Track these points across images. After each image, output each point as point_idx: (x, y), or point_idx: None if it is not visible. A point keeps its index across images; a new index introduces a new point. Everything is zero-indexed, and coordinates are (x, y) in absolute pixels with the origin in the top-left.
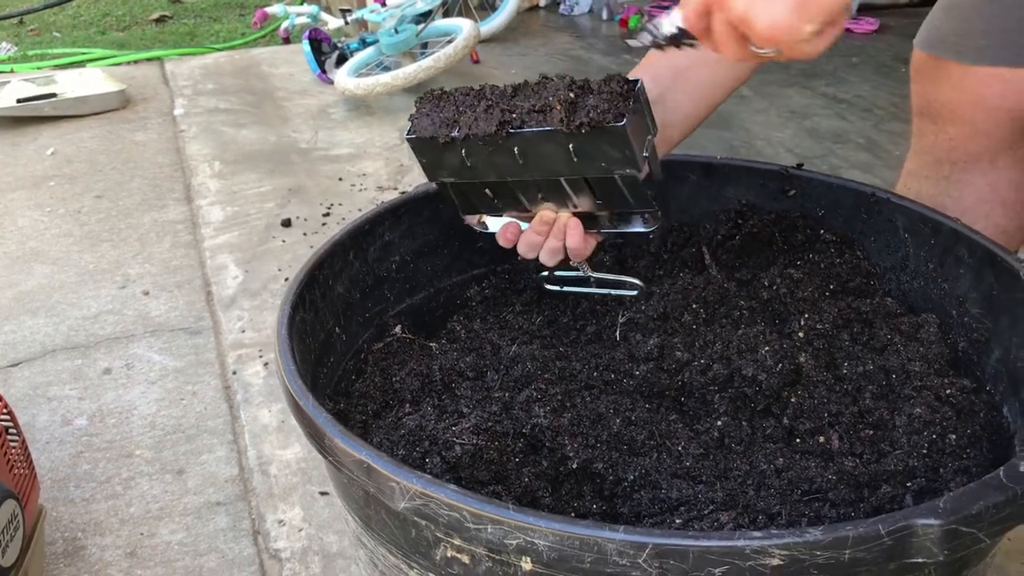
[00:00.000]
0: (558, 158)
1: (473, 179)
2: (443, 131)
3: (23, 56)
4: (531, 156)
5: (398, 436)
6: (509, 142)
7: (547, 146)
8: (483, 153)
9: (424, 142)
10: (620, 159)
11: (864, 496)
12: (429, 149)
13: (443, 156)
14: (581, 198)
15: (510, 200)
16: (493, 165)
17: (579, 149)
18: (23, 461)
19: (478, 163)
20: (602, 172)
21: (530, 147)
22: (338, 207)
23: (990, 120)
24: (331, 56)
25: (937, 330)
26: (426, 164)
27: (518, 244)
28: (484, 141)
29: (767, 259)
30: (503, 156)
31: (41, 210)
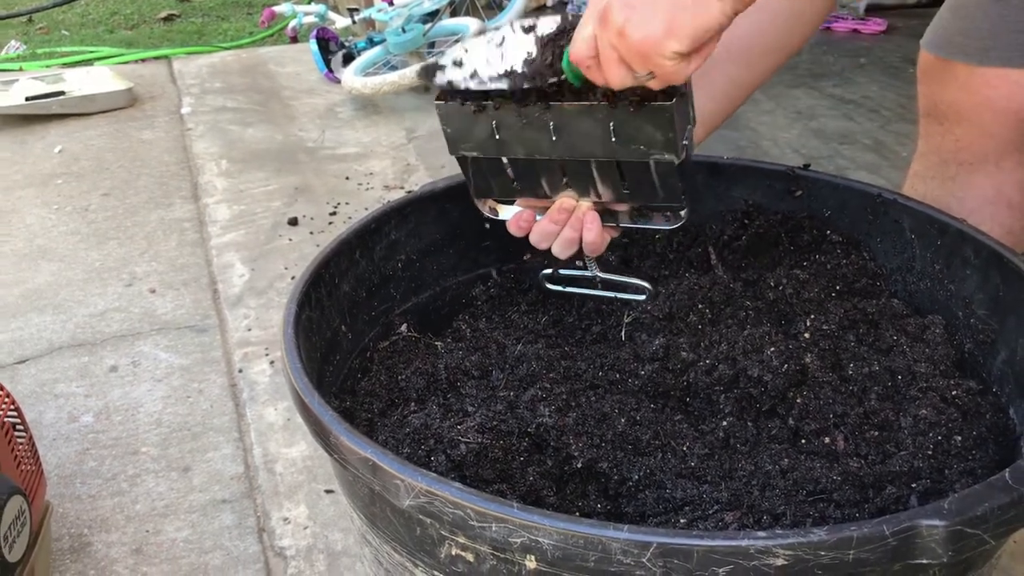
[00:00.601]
0: (595, 137)
1: (499, 154)
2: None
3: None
4: (566, 132)
5: (403, 434)
6: (545, 115)
7: (585, 122)
8: (515, 126)
9: (453, 109)
10: (660, 142)
11: (869, 497)
12: (457, 118)
13: (471, 126)
14: (606, 186)
15: (530, 183)
16: (523, 140)
17: (619, 128)
18: (30, 457)
19: (508, 136)
20: (638, 156)
21: (567, 122)
22: (344, 206)
23: (997, 121)
24: (338, 55)
25: (943, 331)
26: (450, 134)
27: (531, 233)
28: (519, 112)
29: (773, 260)
30: (536, 131)
31: (49, 208)
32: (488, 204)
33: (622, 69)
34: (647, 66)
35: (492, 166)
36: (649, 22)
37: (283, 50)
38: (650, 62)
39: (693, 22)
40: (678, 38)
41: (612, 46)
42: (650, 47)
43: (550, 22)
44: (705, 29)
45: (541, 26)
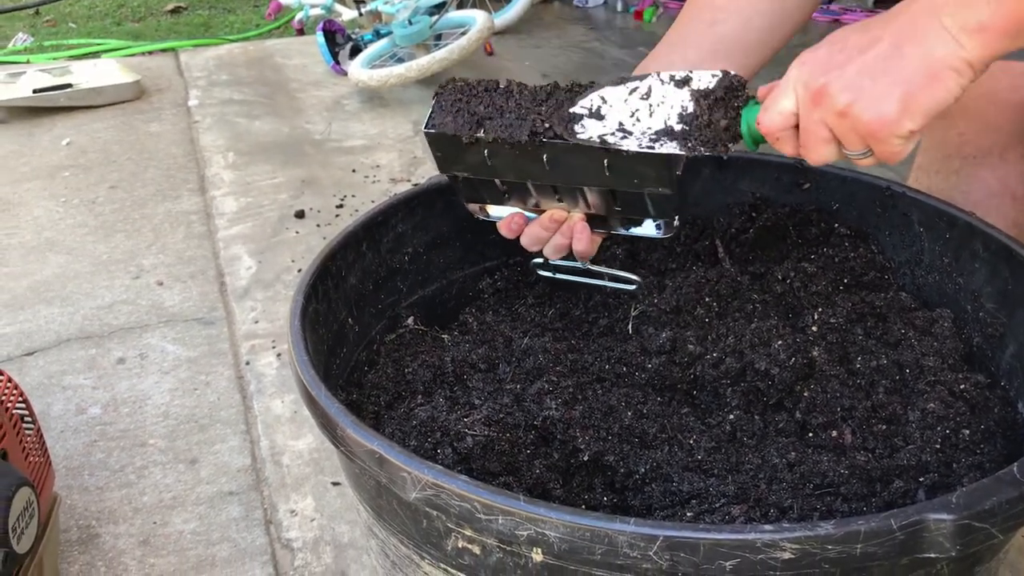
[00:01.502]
0: (589, 170)
1: (491, 176)
2: (467, 131)
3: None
4: (560, 165)
5: (410, 427)
6: (540, 150)
7: (580, 158)
8: (508, 156)
9: (444, 138)
10: (655, 178)
11: (876, 491)
12: (448, 145)
13: (462, 153)
14: (598, 203)
15: (521, 196)
16: (516, 167)
17: (614, 165)
18: (38, 449)
19: (500, 164)
20: (633, 188)
21: (562, 157)
22: (351, 199)
23: (1001, 114)
24: (345, 47)
25: (951, 325)
26: (441, 158)
27: (522, 236)
28: (512, 146)
29: (781, 253)
30: (529, 161)
31: (56, 200)
32: (479, 207)
33: (831, 146)
34: (869, 146)
35: (483, 182)
36: (882, 102)
37: (290, 42)
38: (878, 142)
39: (931, 99)
40: (913, 117)
41: (826, 124)
42: (881, 127)
43: (707, 77)
44: (942, 106)
45: (696, 80)
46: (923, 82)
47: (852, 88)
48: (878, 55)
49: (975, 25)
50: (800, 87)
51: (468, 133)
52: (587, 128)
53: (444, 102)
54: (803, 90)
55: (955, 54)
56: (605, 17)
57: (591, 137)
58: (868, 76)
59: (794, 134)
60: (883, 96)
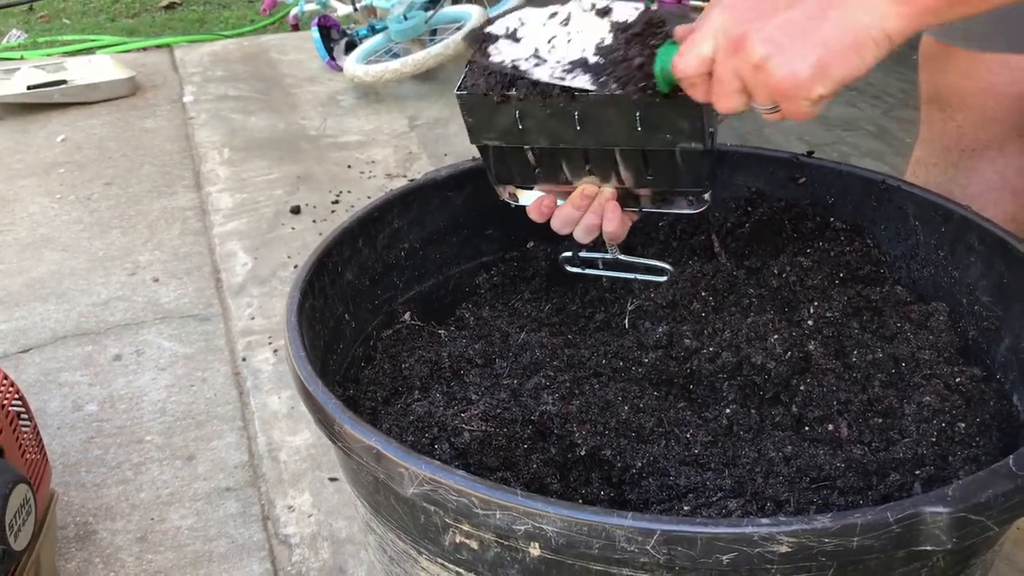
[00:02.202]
0: (620, 126)
1: (522, 143)
2: (498, 89)
3: (33, 43)
4: (591, 122)
5: (407, 422)
6: (571, 106)
7: (611, 112)
8: (539, 116)
9: (475, 99)
10: (687, 131)
11: (873, 484)
12: (479, 107)
13: (494, 116)
14: (629, 172)
15: (552, 170)
16: (547, 130)
17: (646, 118)
18: (35, 446)
19: (531, 126)
20: (665, 144)
21: (592, 112)
22: (347, 194)
23: (999, 107)
24: (340, 43)
25: (947, 318)
26: (472, 124)
27: (552, 218)
28: (543, 103)
29: (777, 247)
30: (560, 121)
31: (51, 197)
32: (508, 190)
33: (741, 97)
34: (777, 102)
35: (514, 154)
36: (796, 62)
37: (285, 38)
38: (786, 100)
39: (845, 68)
40: (824, 83)
41: (739, 75)
42: (793, 87)
43: (628, 9)
44: (854, 76)
45: (618, 11)
46: (841, 50)
47: (771, 42)
48: (803, 13)
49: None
50: (720, 34)
51: (499, 91)
52: (501, 51)
53: (476, 68)
54: (723, 37)
55: (878, 25)
56: None
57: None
58: (788, 34)
59: (707, 80)
60: (799, 56)
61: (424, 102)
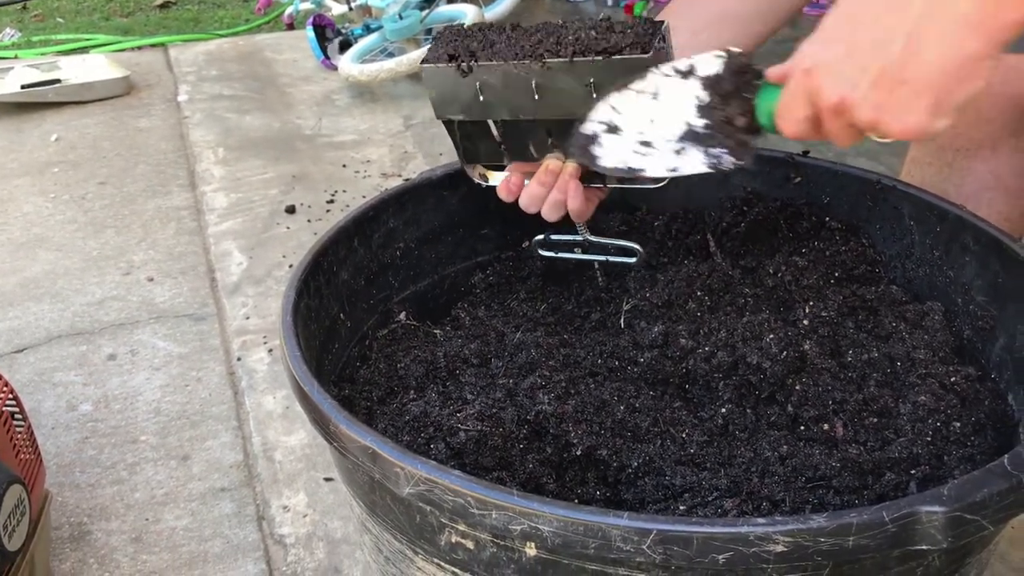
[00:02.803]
0: (576, 95)
1: (484, 116)
2: (458, 61)
3: (27, 42)
4: (548, 92)
5: (403, 422)
6: (528, 75)
7: (566, 80)
8: (498, 87)
9: (438, 72)
10: None
11: (868, 483)
12: (442, 80)
13: (456, 89)
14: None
15: (517, 145)
16: (507, 102)
17: (599, 84)
18: (29, 446)
19: (492, 98)
20: None
21: (548, 81)
22: (342, 194)
23: (993, 106)
24: (335, 42)
25: (942, 318)
26: (436, 98)
27: (520, 197)
28: (501, 73)
29: (772, 247)
30: (519, 92)
31: (45, 196)
32: (478, 171)
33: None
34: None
35: (479, 130)
36: (909, 115)
37: (279, 37)
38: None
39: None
40: (944, 116)
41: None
42: (914, 135)
43: (710, 61)
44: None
45: (700, 66)
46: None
47: (870, 105)
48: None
49: None
50: (815, 98)
51: (459, 64)
52: (607, 150)
53: (441, 41)
54: (820, 103)
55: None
56: (596, 11)
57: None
58: (886, 87)
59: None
60: (908, 108)
61: (419, 101)
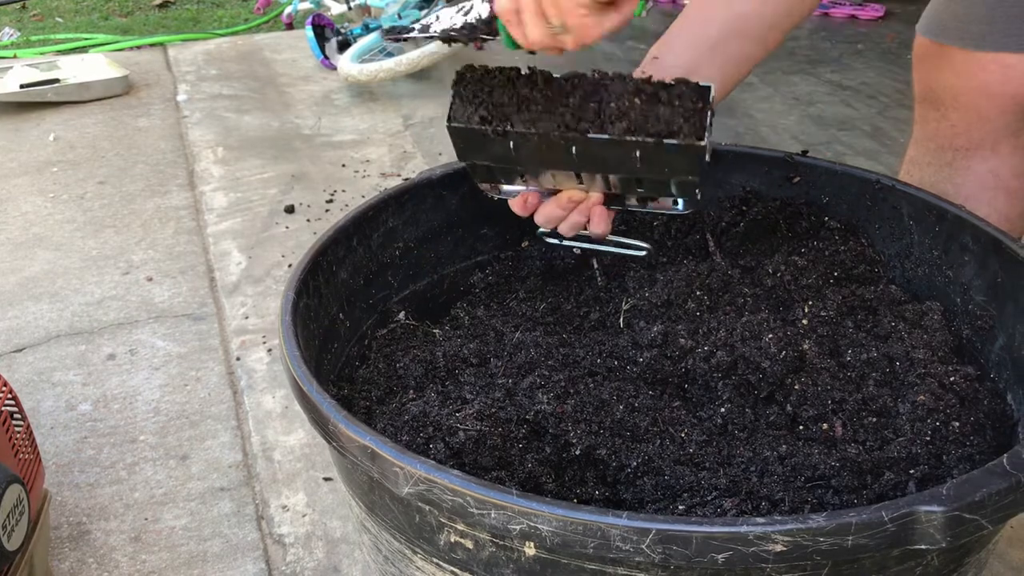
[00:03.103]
0: (619, 161)
1: (515, 166)
2: (493, 126)
3: (26, 41)
4: (589, 157)
5: (402, 422)
6: (569, 143)
7: (612, 150)
8: (534, 147)
9: (468, 132)
10: (685, 168)
11: (867, 483)
12: (472, 138)
13: (487, 145)
14: (620, 184)
15: (539, 180)
16: (542, 159)
17: (646, 156)
18: (28, 446)
19: (525, 156)
20: (662, 176)
21: (591, 150)
22: (341, 193)
23: (993, 106)
24: (334, 42)
25: (941, 317)
26: (462, 148)
27: (536, 214)
28: (540, 138)
29: (771, 246)
30: (556, 152)
31: (44, 196)
32: (490, 185)
33: (540, 23)
34: (560, 16)
35: (503, 168)
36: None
37: (279, 37)
38: (563, 11)
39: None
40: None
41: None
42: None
43: None
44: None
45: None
46: None
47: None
48: None
49: None
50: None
51: (494, 128)
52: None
53: (465, 93)
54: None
55: None
56: None
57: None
58: None
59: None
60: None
61: (418, 101)
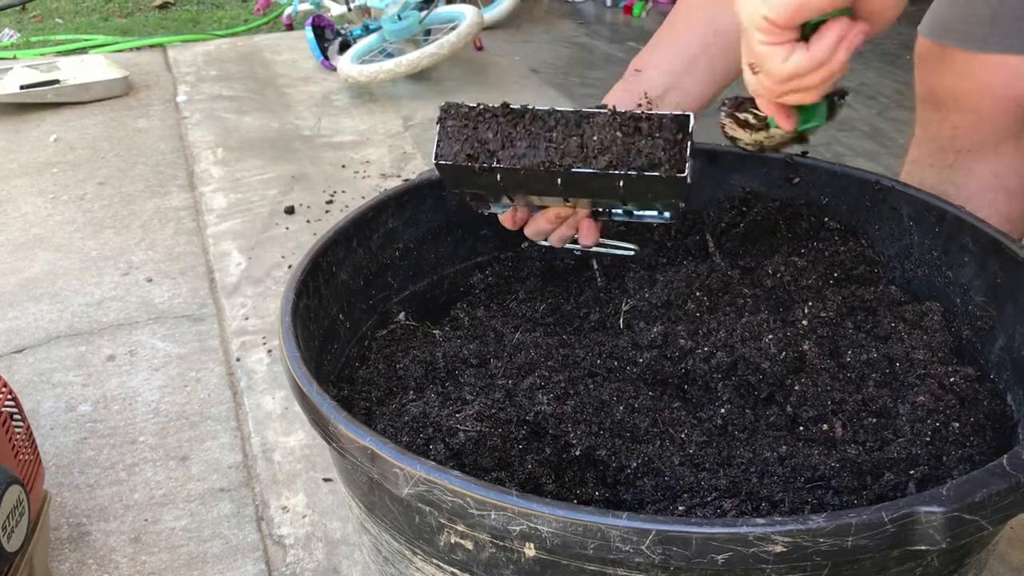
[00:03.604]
0: (603, 190)
1: (502, 194)
2: (479, 162)
3: (25, 42)
4: (574, 186)
5: (402, 423)
6: (555, 176)
7: (595, 182)
8: (521, 180)
9: (456, 168)
10: (670, 194)
11: (867, 484)
12: (459, 173)
13: (474, 178)
14: (606, 201)
15: (526, 199)
16: (528, 188)
17: (629, 186)
18: (28, 447)
19: (512, 186)
20: (645, 201)
21: (576, 181)
22: (341, 194)
23: (995, 107)
24: (334, 43)
25: (941, 318)
26: (451, 181)
27: (525, 228)
28: (526, 171)
29: (771, 247)
30: (543, 183)
31: (44, 197)
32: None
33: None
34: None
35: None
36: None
37: (279, 38)
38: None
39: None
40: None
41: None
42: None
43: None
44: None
45: None
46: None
47: None
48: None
49: None
50: None
51: (480, 165)
52: None
53: (450, 129)
54: None
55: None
56: (595, 12)
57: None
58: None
59: None
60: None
61: (418, 102)
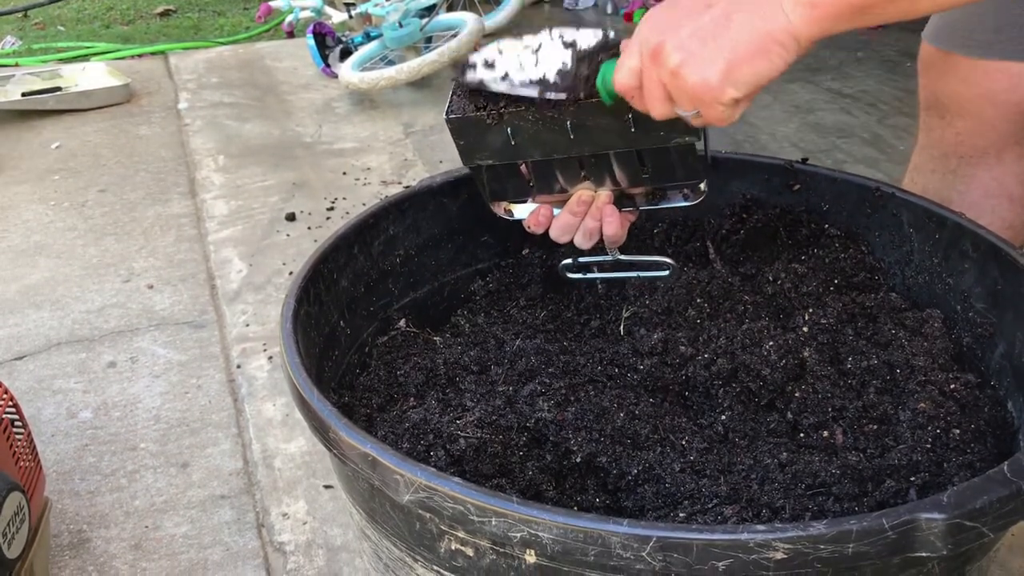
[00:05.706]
0: (613, 130)
1: (516, 159)
2: (488, 110)
3: (27, 50)
4: (584, 130)
5: (402, 429)
6: (562, 116)
7: (603, 118)
8: (531, 130)
9: (465, 122)
10: (682, 127)
11: (868, 490)
12: (470, 129)
13: (486, 136)
14: (625, 173)
15: (547, 181)
16: (540, 143)
17: (639, 118)
18: (29, 454)
19: (524, 141)
20: (660, 142)
21: (584, 120)
22: (342, 201)
23: (998, 114)
24: (335, 50)
25: (941, 325)
26: (464, 146)
27: (551, 228)
28: (534, 119)
29: (771, 254)
30: (553, 132)
31: (46, 204)
32: (503, 207)
33: (667, 105)
34: (697, 107)
35: (507, 169)
36: (708, 67)
37: (280, 45)
38: (702, 105)
39: (754, 71)
40: (736, 86)
41: (661, 83)
42: (706, 92)
43: (590, 36)
44: (765, 78)
45: (581, 40)
46: (748, 53)
47: (682, 50)
48: (711, 19)
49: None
50: (643, 45)
51: (489, 112)
52: (476, 74)
53: (461, 92)
54: (645, 48)
55: (784, 28)
56: (595, 19)
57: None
58: (698, 40)
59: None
60: (709, 62)
61: (419, 109)
